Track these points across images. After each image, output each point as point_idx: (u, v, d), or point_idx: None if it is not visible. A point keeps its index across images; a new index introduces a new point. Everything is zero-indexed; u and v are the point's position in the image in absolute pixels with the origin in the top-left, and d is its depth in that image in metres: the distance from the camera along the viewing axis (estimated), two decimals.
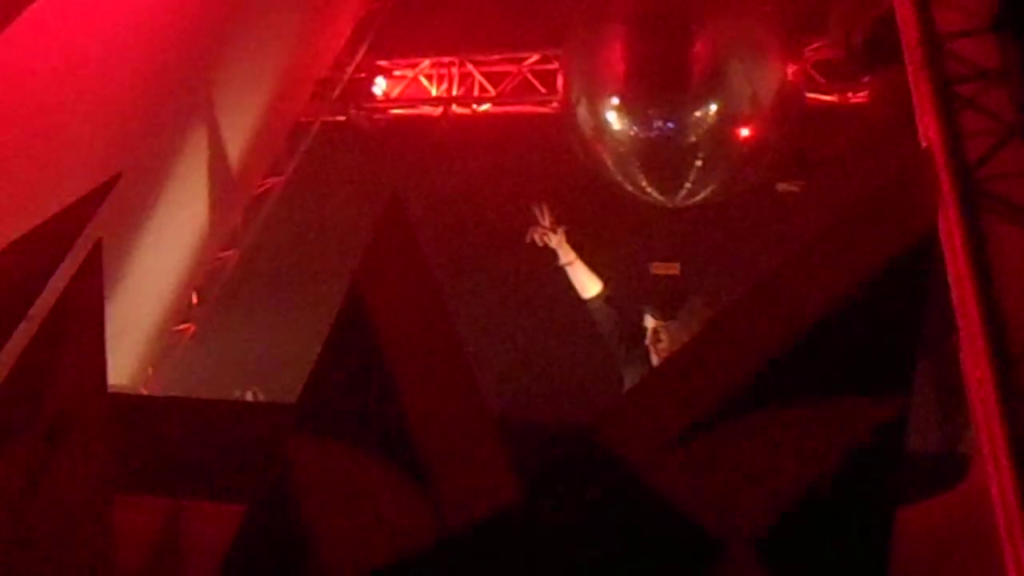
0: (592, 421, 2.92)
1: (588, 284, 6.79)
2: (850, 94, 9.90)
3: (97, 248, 3.79)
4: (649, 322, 6.38)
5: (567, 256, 6.78)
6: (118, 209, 7.93)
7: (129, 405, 5.37)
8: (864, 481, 2.67)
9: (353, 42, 11.19)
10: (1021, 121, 3.17)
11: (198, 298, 10.31)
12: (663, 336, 6.35)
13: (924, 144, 3.74)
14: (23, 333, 3.74)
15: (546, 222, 6.93)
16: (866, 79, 9.44)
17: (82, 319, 3.71)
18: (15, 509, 3.21)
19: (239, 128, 9.55)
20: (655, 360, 6.34)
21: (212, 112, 9.16)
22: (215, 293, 10.42)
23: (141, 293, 8.84)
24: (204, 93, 8.98)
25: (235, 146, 9.71)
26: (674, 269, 9.76)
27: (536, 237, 7.07)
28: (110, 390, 3.58)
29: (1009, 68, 3.11)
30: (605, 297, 6.70)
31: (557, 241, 6.87)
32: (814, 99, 9.78)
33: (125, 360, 8.91)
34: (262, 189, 10.73)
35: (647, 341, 6.38)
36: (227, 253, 10.46)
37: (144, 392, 8.96)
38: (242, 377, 8.99)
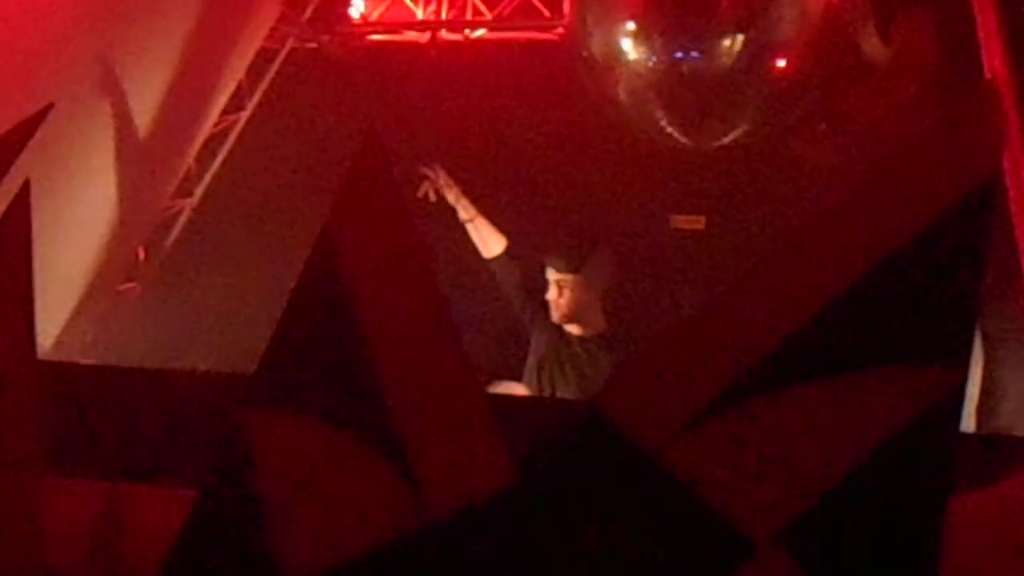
0: (596, 396, 2.93)
1: (491, 242, 6.83)
2: (904, 21, 9.84)
3: (24, 191, 3.78)
4: (551, 275, 6.43)
5: (467, 212, 6.80)
6: (48, 148, 7.96)
7: (63, 375, 5.36)
8: (912, 466, 2.67)
9: None
10: None
11: (145, 254, 10.32)
12: (565, 291, 6.41)
13: (988, 75, 3.73)
14: None
15: (440, 181, 6.94)
16: None
17: (9, 273, 3.70)
18: None
19: (191, 54, 9.49)
20: (555, 317, 6.41)
21: (163, 35, 9.13)
22: (165, 248, 10.44)
23: (77, 247, 8.83)
24: (155, 14, 8.95)
25: (187, 75, 9.65)
26: (699, 223, 9.79)
27: (430, 192, 7.07)
28: (42, 359, 3.59)
29: None
30: (508, 254, 6.72)
31: (454, 196, 6.89)
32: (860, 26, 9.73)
33: (59, 324, 8.91)
34: (220, 127, 10.70)
35: (548, 296, 6.43)
36: (179, 202, 10.45)
37: (82, 361, 8.97)
38: (195, 344, 9.03)
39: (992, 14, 3.72)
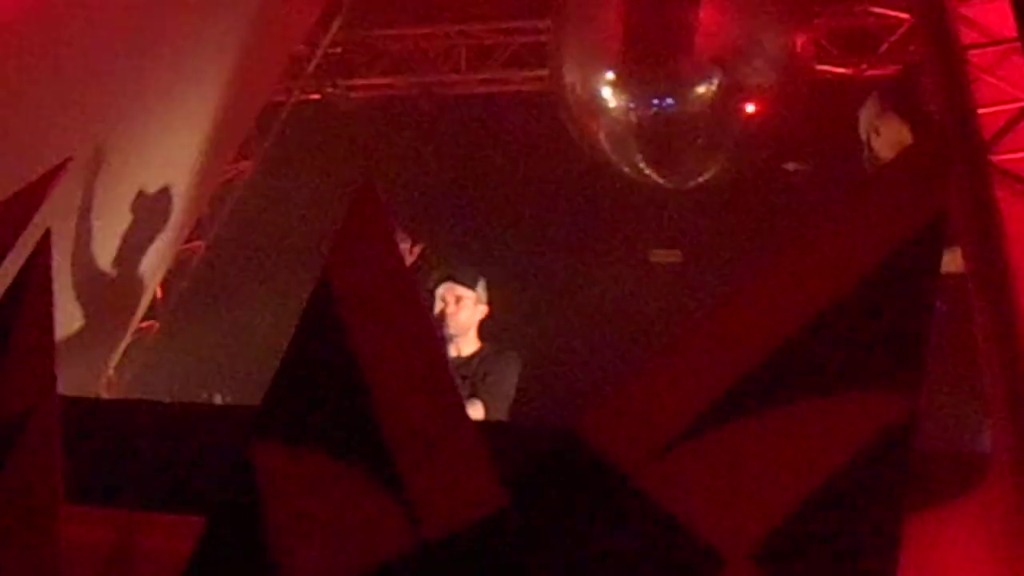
0: (578, 423, 2.93)
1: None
2: (865, 66, 9.88)
3: (45, 239, 3.78)
4: (448, 297, 6.58)
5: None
6: (71, 197, 7.97)
7: (85, 410, 5.35)
8: (870, 485, 2.67)
9: (328, 13, 11.17)
10: None
11: (162, 293, 10.31)
12: (459, 310, 6.62)
13: (936, 117, 3.74)
14: None
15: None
16: None
17: (29, 317, 3.70)
18: None
19: (204, 108, 9.50)
20: (449, 328, 6.57)
21: (173, 91, 9.13)
22: (180, 288, 10.43)
23: (99, 289, 8.82)
24: (168, 71, 8.95)
25: (200, 127, 9.66)
26: (675, 256, 9.78)
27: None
28: (66, 395, 3.58)
29: None
30: None
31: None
32: (825, 71, 9.75)
33: (83, 361, 8.89)
34: (230, 175, 10.70)
35: (440, 309, 6.58)
36: (192, 244, 10.45)
37: (104, 396, 8.95)
38: (209, 378, 9.02)
39: (937, 54, 3.74)
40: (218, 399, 8.84)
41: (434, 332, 3.24)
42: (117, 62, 8.21)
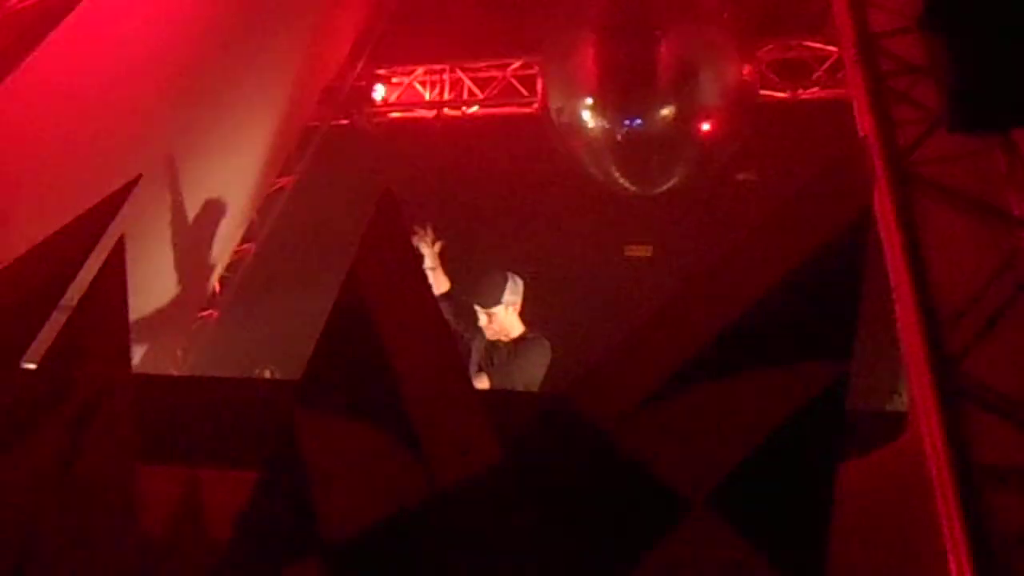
0: (565, 390, 2.91)
1: (440, 285, 6.95)
2: (800, 91, 9.85)
3: (120, 244, 3.77)
4: (480, 311, 6.61)
5: (431, 262, 6.94)
6: (145, 205, 7.95)
7: (158, 385, 5.34)
8: (809, 439, 2.65)
9: (354, 53, 11.16)
10: (946, 111, 3.15)
11: (220, 287, 10.30)
12: (493, 319, 6.61)
13: (860, 133, 3.72)
14: (55, 322, 3.72)
15: (428, 237, 7.09)
16: None
17: (108, 309, 3.68)
18: (50, 484, 3.19)
19: (253, 132, 9.51)
20: (488, 335, 6.66)
21: (231, 118, 9.12)
22: (235, 282, 10.41)
23: (169, 284, 8.81)
24: (224, 101, 8.94)
25: (251, 149, 9.68)
26: (647, 251, 9.76)
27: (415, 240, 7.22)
28: (143, 372, 3.59)
29: (935, 63, 3.09)
30: (445, 295, 6.91)
31: (429, 249, 6.98)
32: (767, 96, 9.73)
33: (157, 344, 8.87)
34: (275, 188, 10.68)
35: (480, 323, 6.59)
36: (245, 246, 10.44)
37: (174, 372, 8.94)
38: (260, 357, 8.99)
39: (861, 81, 3.74)
40: (267, 374, 8.82)
41: (442, 316, 3.21)
42: (183, 93, 8.20)
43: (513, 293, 6.71)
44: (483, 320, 6.60)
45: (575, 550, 2.66)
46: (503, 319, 6.61)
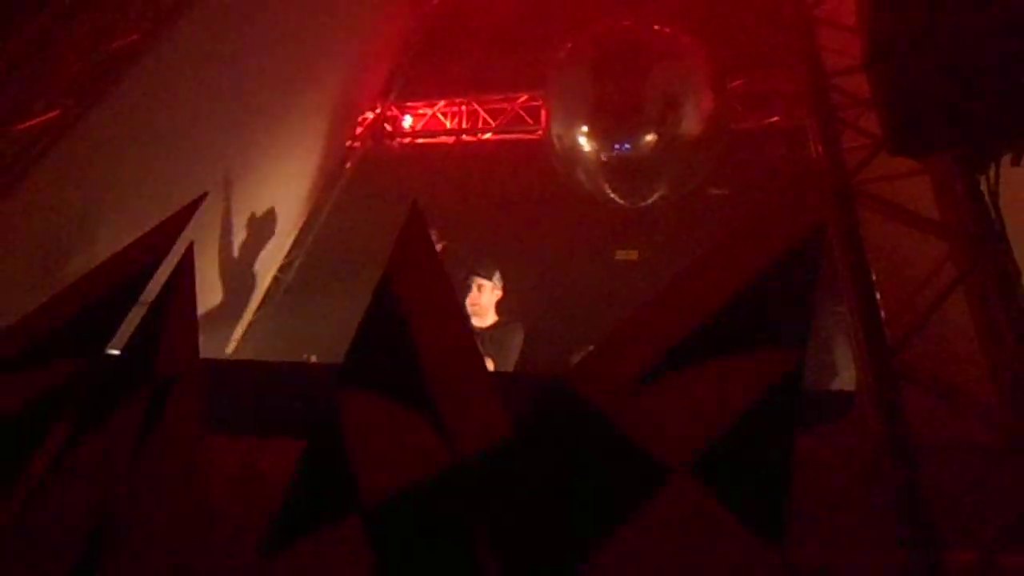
0: (566, 373, 2.92)
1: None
2: (764, 120, 9.84)
3: (190, 250, 3.80)
4: (474, 280, 6.71)
5: None
6: (212, 218, 8.00)
7: (221, 368, 5.36)
8: (773, 415, 2.66)
9: (386, 88, 11.19)
10: (887, 138, 3.15)
11: (273, 287, 10.30)
12: (481, 292, 6.72)
13: (814, 156, 3.73)
14: (135, 315, 3.74)
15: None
16: None
17: (180, 304, 3.70)
18: (129, 455, 3.21)
19: (303, 155, 9.55)
20: (469, 309, 6.61)
21: (284, 143, 9.16)
22: (286, 282, 10.42)
23: (231, 283, 8.84)
24: (277, 128, 8.97)
25: (300, 168, 9.72)
26: (633, 255, 9.74)
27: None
28: (207, 358, 3.60)
29: (878, 97, 3.09)
30: None
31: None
32: (737, 124, 9.72)
33: (219, 334, 8.90)
34: (319, 203, 10.68)
35: (468, 300, 6.64)
36: (292, 254, 10.45)
37: (235, 358, 8.96)
38: (305, 345, 8.98)
39: (815, 113, 3.74)
40: (313, 359, 8.82)
41: (461, 310, 3.23)
42: (243, 122, 8.24)
43: (499, 280, 6.78)
44: (474, 292, 6.63)
45: (574, 510, 2.66)
46: (488, 297, 6.67)
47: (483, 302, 6.65)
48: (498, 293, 6.76)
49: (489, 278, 6.70)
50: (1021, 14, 2.84)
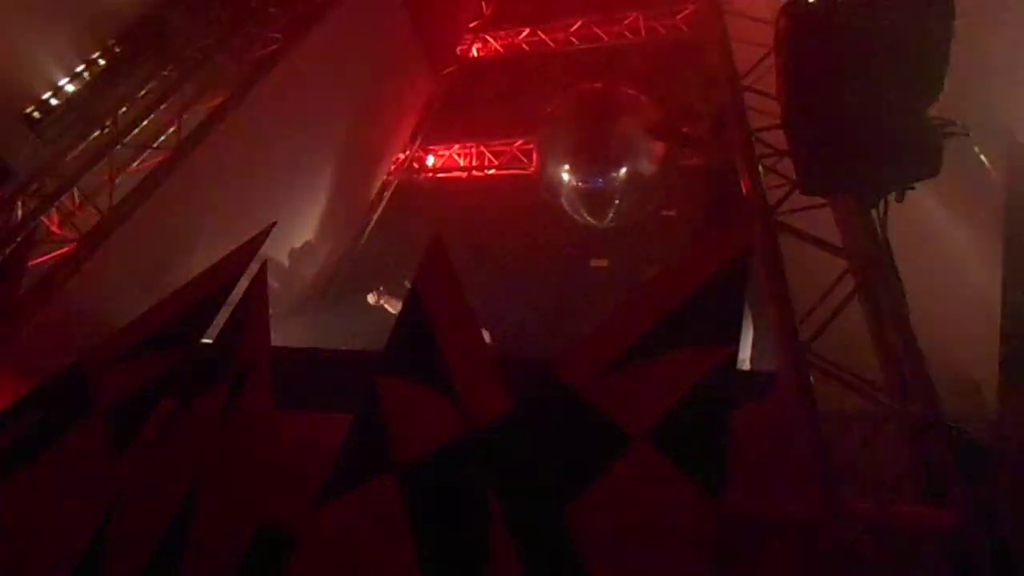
0: (551, 360, 2.89)
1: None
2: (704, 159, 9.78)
3: (263, 266, 3.78)
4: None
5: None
6: (281, 239, 7.97)
7: (288, 354, 5.31)
8: (714, 395, 2.64)
9: (414, 135, 11.14)
10: (800, 181, 3.12)
11: (327, 287, 10.22)
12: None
13: (744, 193, 3.69)
14: (224, 313, 3.73)
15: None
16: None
17: (256, 306, 3.68)
18: (221, 420, 3.19)
19: (349, 188, 9.50)
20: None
21: (336, 178, 9.13)
22: (336, 286, 10.35)
23: (293, 287, 8.80)
24: (329, 168, 8.97)
25: (346, 198, 9.65)
26: (604, 263, 9.69)
27: None
28: (279, 346, 3.57)
29: (792, 150, 3.06)
30: None
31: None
32: (683, 163, 9.68)
33: (286, 326, 8.84)
34: (361, 226, 10.64)
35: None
36: (342, 262, 10.38)
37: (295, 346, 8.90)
38: (351, 337, 8.87)
39: (745, 159, 3.70)
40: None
41: (474, 315, 3.19)
42: (309, 162, 8.25)
43: None
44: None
45: (557, 468, 2.65)
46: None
47: None
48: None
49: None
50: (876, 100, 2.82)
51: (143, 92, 6.86)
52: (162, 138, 6.67)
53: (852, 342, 3.18)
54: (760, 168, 3.66)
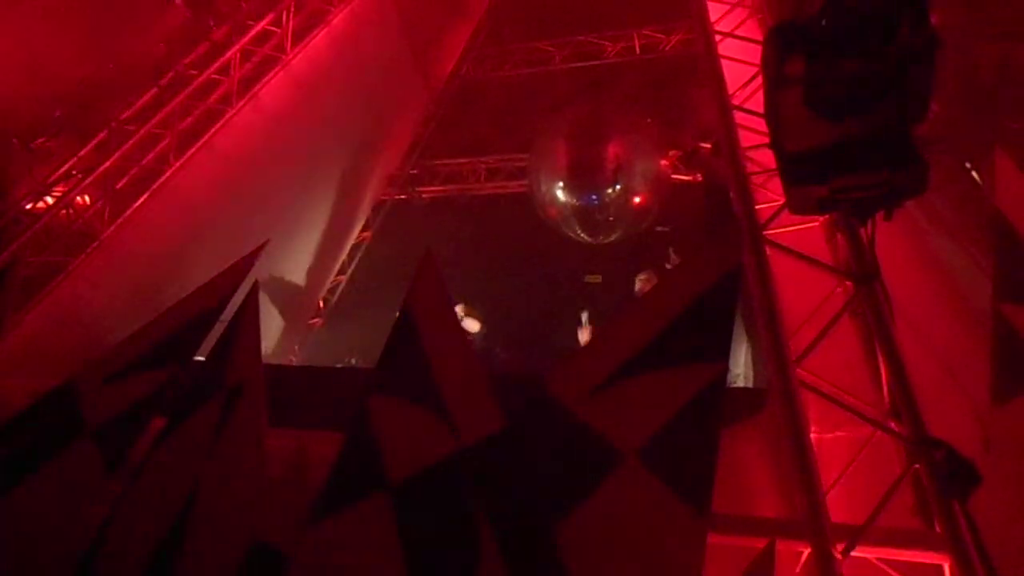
0: (543, 377, 2.88)
1: (471, 327, 7.21)
2: (696, 177, 9.81)
3: (255, 287, 3.78)
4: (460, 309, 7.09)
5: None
6: (276, 256, 7.95)
7: (281, 371, 5.31)
8: (703, 414, 2.63)
9: (411, 150, 11.17)
10: (787, 200, 3.13)
11: (323, 304, 10.24)
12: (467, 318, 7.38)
13: (735, 211, 3.70)
14: (217, 330, 3.72)
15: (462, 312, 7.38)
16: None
17: (247, 325, 3.67)
18: (211, 441, 3.17)
19: (347, 203, 9.46)
20: None
21: (334, 194, 9.13)
22: (333, 302, 10.35)
23: (290, 302, 8.77)
24: (328, 185, 8.97)
25: (344, 213, 9.60)
26: (598, 279, 9.72)
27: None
28: (271, 364, 3.56)
29: (779, 170, 3.07)
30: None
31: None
32: (677, 179, 9.71)
33: (283, 343, 8.83)
34: (359, 239, 10.67)
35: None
36: (338, 278, 10.41)
37: (293, 361, 8.89)
38: (348, 352, 8.90)
39: (736, 178, 3.71)
40: (353, 362, 8.78)
41: (463, 331, 3.19)
42: (304, 180, 8.24)
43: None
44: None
45: (549, 486, 2.64)
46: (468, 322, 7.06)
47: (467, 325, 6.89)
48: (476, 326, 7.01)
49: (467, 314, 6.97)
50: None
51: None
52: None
53: (845, 359, 3.17)
54: (750, 186, 3.67)
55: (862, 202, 2.87)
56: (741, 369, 6.34)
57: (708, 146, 8.93)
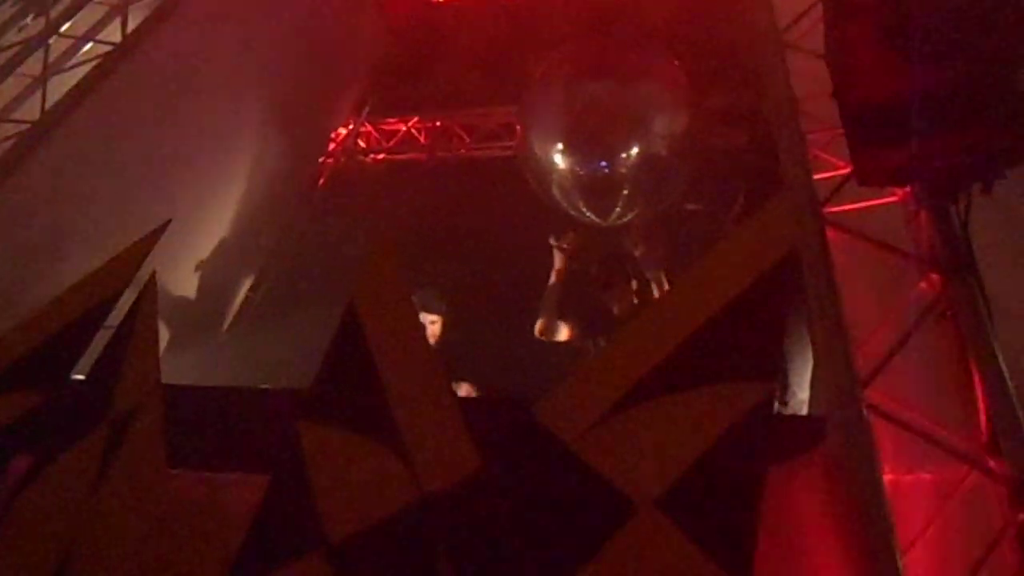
0: (534, 404, 2.91)
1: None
2: (739, 137, 9.86)
3: (152, 278, 3.79)
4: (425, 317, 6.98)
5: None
6: (178, 241, 7.93)
7: (184, 394, 5.28)
8: (742, 449, 2.66)
9: (360, 104, 11.18)
10: (854, 168, 3.16)
11: (246, 307, 10.16)
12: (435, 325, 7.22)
13: (785, 182, 3.73)
14: (101, 339, 3.73)
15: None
16: None
17: (143, 332, 3.68)
18: (91, 486, 3.18)
19: (276, 172, 9.45)
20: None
21: (256, 160, 9.12)
22: (254, 304, 10.29)
23: (197, 306, 8.75)
24: (245, 146, 8.95)
25: (269, 186, 9.61)
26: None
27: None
28: (171, 384, 3.57)
29: (845, 128, 3.10)
30: None
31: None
32: (711, 141, 9.74)
33: (186, 358, 8.79)
34: (292, 218, 10.64)
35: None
36: (262, 273, 10.36)
37: (195, 384, 8.84)
38: (272, 370, 8.84)
39: (787, 140, 3.74)
40: (271, 386, 8.79)
41: (426, 338, 3.21)
42: (208, 142, 8.23)
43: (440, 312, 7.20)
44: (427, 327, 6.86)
45: (539, 547, 2.66)
46: (437, 328, 7.12)
47: (434, 333, 6.90)
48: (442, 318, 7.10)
49: (437, 312, 6.98)
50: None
51: None
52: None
53: (929, 376, 3.21)
54: (806, 149, 3.70)
55: (953, 171, 2.90)
56: (807, 393, 6.36)
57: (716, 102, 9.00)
